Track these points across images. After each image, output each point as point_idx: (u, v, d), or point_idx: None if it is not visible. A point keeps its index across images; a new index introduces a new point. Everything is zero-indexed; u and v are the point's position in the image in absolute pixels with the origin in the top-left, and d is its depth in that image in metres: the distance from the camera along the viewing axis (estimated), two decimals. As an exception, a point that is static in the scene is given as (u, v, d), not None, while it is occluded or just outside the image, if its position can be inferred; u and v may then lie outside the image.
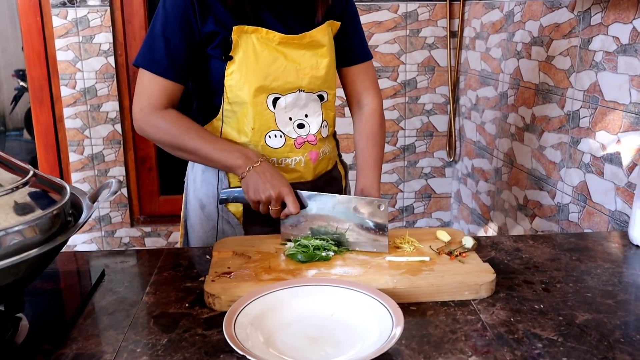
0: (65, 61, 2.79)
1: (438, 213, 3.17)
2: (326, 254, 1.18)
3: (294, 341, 0.92)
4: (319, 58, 1.39)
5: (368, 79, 1.55)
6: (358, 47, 1.53)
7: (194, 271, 1.21)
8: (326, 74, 1.42)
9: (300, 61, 1.37)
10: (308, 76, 1.38)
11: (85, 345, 0.94)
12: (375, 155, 1.50)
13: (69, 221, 0.96)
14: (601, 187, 1.75)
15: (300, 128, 1.41)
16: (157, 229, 3.05)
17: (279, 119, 1.38)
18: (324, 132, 1.46)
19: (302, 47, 1.37)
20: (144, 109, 1.33)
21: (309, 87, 1.39)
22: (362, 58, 1.53)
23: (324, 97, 1.44)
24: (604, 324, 0.98)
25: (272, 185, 1.26)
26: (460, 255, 1.18)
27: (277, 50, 1.34)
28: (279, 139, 1.39)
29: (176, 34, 1.30)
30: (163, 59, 1.31)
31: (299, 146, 1.41)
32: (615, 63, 1.66)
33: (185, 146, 1.33)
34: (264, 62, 1.33)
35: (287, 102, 1.37)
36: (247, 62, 1.32)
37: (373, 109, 1.54)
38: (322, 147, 1.46)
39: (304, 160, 1.43)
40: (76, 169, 2.93)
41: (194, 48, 1.33)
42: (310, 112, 1.42)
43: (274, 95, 1.36)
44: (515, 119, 2.31)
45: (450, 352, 0.90)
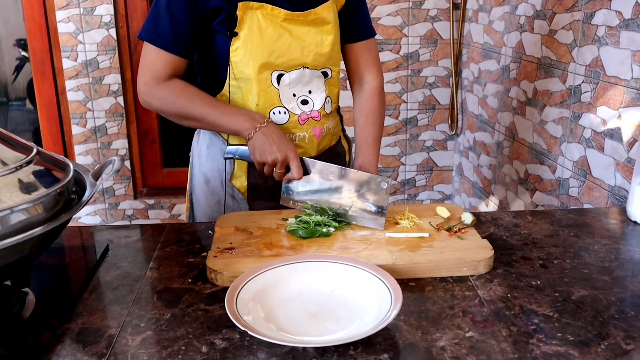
0: (67, 33, 2.78)
1: (440, 186, 3.18)
2: (327, 230, 1.20)
3: (294, 316, 0.94)
4: (323, 35, 1.39)
5: (370, 56, 1.55)
6: (362, 24, 1.53)
7: (197, 246, 1.23)
8: (331, 51, 1.42)
9: (305, 38, 1.37)
10: (312, 53, 1.38)
11: (90, 319, 0.96)
12: (375, 134, 1.51)
13: (73, 199, 0.97)
14: (601, 162, 1.76)
15: (304, 104, 1.41)
16: (160, 201, 3.07)
17: (283, 96, 1.39)
18: (327, 108, 1.46)
19: (307, 23, 1.37)
20: (149, 82, 1.35)
21: (313, 63, 1.39)
22: (366, 35, 1.53)
23: (327, 73, 1.44)
24: (600, 300, 1.00)
25: (279, 148, 1.28)
26: (459, 232, 1.20)
27: (282, 27, 1.34)
28: (283, 115, 1.40)
29: (181, 8, 1.30)
30: (168, 33, 1.31)
31: (302, 122, 1.42)
32: (617, 38, 1.65)
33: (191, 114, 1.34)
34: (268, 38, 1.33)
35: (291, 78, 1.38)
36: (252, 38, 1.32)
37: (374, 87, 1.54)
38: (325, 123, 1.47)
39: (307, 136, 1.44)
40: (79, 142, 2.94)
41: (198, 23, 1.33)
42: (313, 89, 1.42)
43: (278, 71, 1.36)
44: (517, 93, 2.30)
45: (448, 328, 0.92)
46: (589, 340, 0.89)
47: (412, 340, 0.89)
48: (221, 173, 1.47)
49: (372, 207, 1.24)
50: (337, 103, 1.54)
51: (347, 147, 1.63)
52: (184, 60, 1.36)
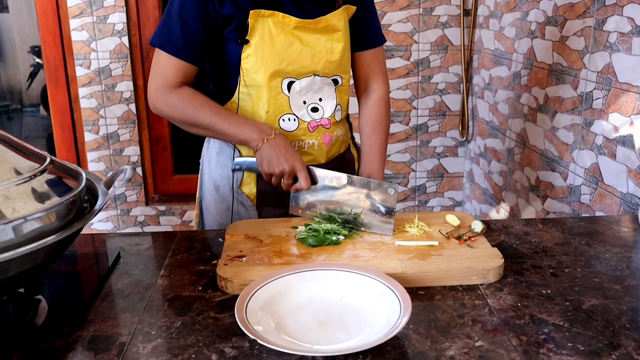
0: (80, 41, 2.81)
1: (450, 193, 3.18)
2: (336, 238, 1.20)
3: (303, 325, 0.94)
4: (334, 42, 1.40)
5: (378, 65, 1.56)
6: (371, 32, 1.53)
7: (207, 254, 1.23)
8: (341, 59, 1.42)
9: (316, 45, 1.38)
10: (323, 60, 1.39)
11: (101, 327, 0.97)
12: (381, 142, 1.52)
13: (85, 207, 0.98)
14: (613, 169, 1.75)
15: (314, 112, 1.42)
16: (171, 207, 3.09)
17: (293, 103, 1.40)
18: (337, 115, 1.47)
19: (318, 31, 1.38)
20: (159, 88, 1.36)
21: (323, 71, 1.40)
22: (374, 43, 1.54)
23: (338, 81, 1.45)
24: (611, 310, 0.99)
25: (286, 159, 1.29)
26: (469, 240, 1.20)
27: (292, 35, 1.35)
28: (293, 123, 1.41)
29: (193, 16, 1.31)
30: (179, 41, 1.32)
31: (312, 129, 1.43)
32: (629, 44, 1.65)
33: (200, 122, 1.35)
34: (279, 46, 1.34)
35: (301, 86, 1.39)
36: (263, 46, 1.33)
37: (380, 95, 1.55)
38: (335, 131, 1.48)
39: (317, 143, 1.44)
40: (92, 149, 2.97)
41: (210, 30, 1.34)
42: (324, 96, 1.43)
43: (289, 79, 1.37)
44: (528, 99, 2.30)
45: (457, 337, 0.92)
46: (600, 350, 0.88)
47: (422, 350, 0.89)
48: (230, 180, 1.48)
49: (381, 213, 1.25)
50: (347, 111, 1.55)
51: (356, 155, 1.63)
52: (195, 68, 1.37)
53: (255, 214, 1.48)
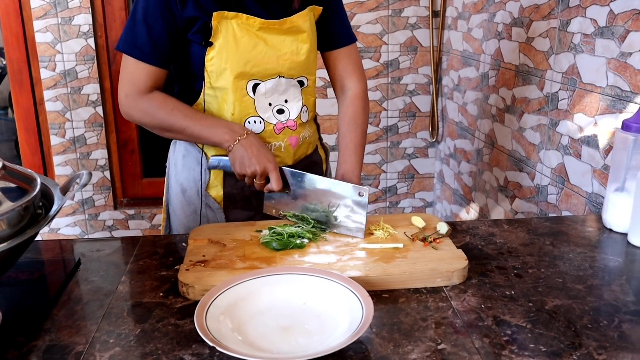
0: (45, 43, 2.75)
1: (421, 193, 3.18)
2: (300, 242, 1.19)
3: (265, 331, 0.93)
4: (299, 44, 1.39)
5: (351, 62, 1.54)
6: (340, 31, 1.52)
7: (170, 259, 1.21)
8: (306, 60, 1.41)
9: (281, 47, 1.36)
10: (288, 62, 1.38)
11: (58, 336, 0.94)
12: (356, 140, 1.50)
13: (39, 213, 0.95)
14: (579, 169, 1.77)
15: (279, 113, 1.41)
16: (140, 211, 3.05)
17: (259, 105, 1.38)
18: (303, 117, 1.46)
19: (283, 32, 1.36)
20: (129, 94, 1.34)
21: (289, 72, 1.39)
22: (345, 41, 1.52)
23: (304, 82, 1.44)
24: (573, 310, 1.00)
25: (258, 159, 1.29)
26: (434, 242, 1.19)
27: (257, 36, 1.33)
28: (259, 125, 1.39)
29: (157, 20, 1.30)
30: (146, 45, 1.31)
31: (278, 131, 1.41)
32: (592, 45, 1.66)
33: (172, 127, 1.35)
34: (244, 48, 1.32)
35: (267, 88, 1.37)
36: (227, 48, 1.32)
37: (355, 93, 1.53)
38: (302, 132, 1.46)
39: (283, 145, 1.43)
40: (58, 152, 2.91)
41: (175, 33, 1.33)
42: (290, 98, 1.42)
43: (254, 81, 1.36)
44: (496, 100, 2.31)
45: (420, 340, 0.91)
46: (561, 350, 0.88)
47: (384, 354, 0.88)
48: (197, 182, 1.45)
49: (352, 215, 1.24)
50: (314, 112, 1.54)
51: (323, 156, 1.62)
52: (163, 71, 1.36)
53: (223, 217, 1.46)
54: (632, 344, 0.90)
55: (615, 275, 1.13)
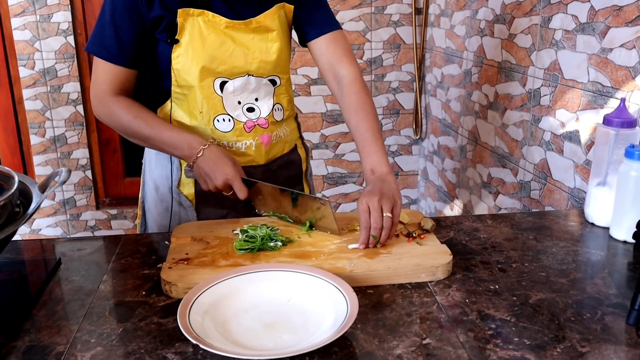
0: (23, 41, 2.72)
1: (405, 191, 3.19)
2: (274, 244, 1.17)
3: (249, 328, 0.92)
4: (269, 42, 1.36)
5: (339, 47, 1.44)
6: (321, 19, 1.45)
7: (152, 258, 1.20)
8: (277, 59, 1.39)
9: (249, 45, 1.34)
10: (257, 61, 1.35)
11: (38, 337, 0.93)
12: (372, 128, 1.36)
13: (17, 212, 0.93)
14: (561, 165, 1.78)
15: (250, 112, 1.39)
16: (123, 211, 3.02)
17: (227, 103, 1.36)
18: (277, 115, 1.44)
19: (251, 31, 1.34)
20: (97, 95, 1.34)
21: (258, 72, 1.37)
22: (327, 28, 1.45)
23: (276, 81, 1.41)
24: (557, 303, 1.00)
25: (215, 176, 1.26)
26: (418, 237, 1.19)
27: (224, 34, 1.31)
28: (228, 123, 1.38)
29: (125, 20, 1.29)
30: (113, 46, 1.30)
31: (248, 130, 1.39)
32: (574, 42, 1.67)
33: (135, 134, 1.34)
34: (210, 45, 1.31)
35: (235, 86, 1.35)
36: (193, 45, 1.30)
37: (351, 79, 1.42)
38: (275, 131, 1.44)
39: (254, 143, 1.41)
40: (38, 152, 2.87)
41: (142, 34, 1.31)
42: (260, 96, 1.40)
43: (221, 79, 1.34)
44: (479, 97, 2.32)
45: (405, 335, 0.91)
46: (545, 343, 0.88)
47: (369, 349, 0.87)
48: (169, 180, 1.44)
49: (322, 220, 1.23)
50: (292, 110, 1.52)
51: (304, 156, 1.60)
52: (132, 72, 1.35)
53: (194, 215, 1.44)
54: (615, 336, 0.90)
55: (598, 269, 1.14)
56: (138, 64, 1.35)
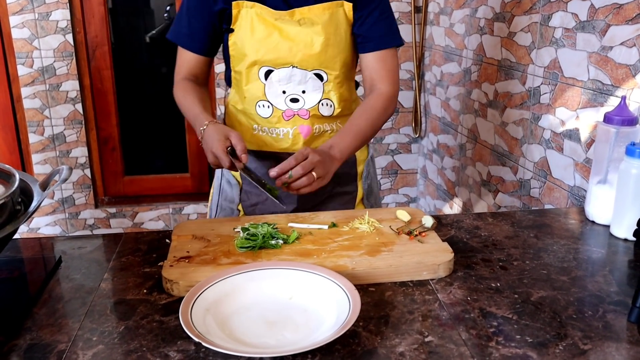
0: (21, 39, 2.71)
1: (405, 189, 3.19)
2: (276, 242, 1.16)
3: (251, 326, 0.92)
4: (314, 36, 1.39)
5: (385, 67, 1.46)
6: (379, 34, 1.44)
7: (153, 256, 1.20)
8: (322, 53, 1.40)
9: (294, 38, 1.39)
10: (301, 53, 1.40)
11: (39, 335, 0.93)
12: (362, 126, 1.40)
13: (18, 209, 0.93)
14: (561, 163, 1.78)
15: (293, 102, 1.45)
16: (122, 209, 3.01)
17: (269, 91, 1.44)
18: (323, 110, 1.46)
19: (297, 24, 1.39)
20: (175, 77, 1.52)
21: (302, 64, 1.41)
22: (382, 45, 1.45)
23: (322, 76, 1.43)
24: (558, 301, 1.00)
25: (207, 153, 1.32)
26: (419, 235, 1.19)
27: (273, 26, 1.39)
28: (267, 109, 1.46)
29: (197, 12, 1.45)
30: (186, 34, 1.48)
31: (287, 118, 1.46)
32: (574, 40, 1.67)
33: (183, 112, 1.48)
34: (258, 36, 1.39)
35: (280, 76, 1.42)
36: (244, 34, 1.41)
37: (381, 92, 1.46)
38: (317, 124, 1.47)
39: (292, 132, 1.47)
40: (36, 150, 2.87)
41: (212, 25, 1.45)
42: (309, 89, 1.44)
43: (267, 67, 1.42)
44: (479, 95, 2.32)
45: (407, 333, 0.91)
46: (547, 341, 0.88)
47: (371, 347, 0.87)
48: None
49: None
50: (351, 110, 1.50)
51: (361, 157, 1.59)
52: (201, 58, 1.50)
53: (238, 194, 1.55)
54: (617, 334, 0.90)
55: (599, 267, 1.14)
56: (208, 51, 1.50)
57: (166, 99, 3.07)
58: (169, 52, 3.07)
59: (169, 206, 3.02)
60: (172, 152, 3.06)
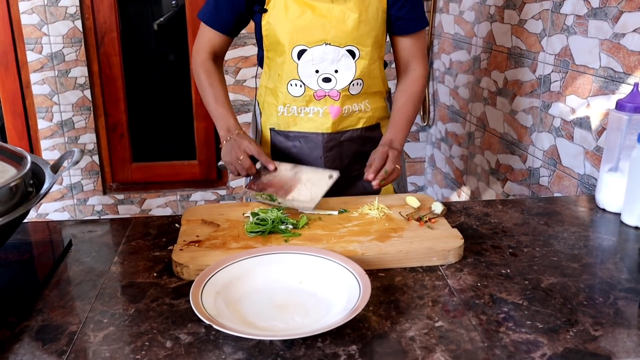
0: (31, 25, 2.71)
1: (412, 177, 3.18)
2: (285, 227, 1.17)
3: (261, 309, 0.92)
4: (346, 11, 1.42)
5: (419, 49, 1.56)
6: (409, 16, 1.50)
7: (163, 240, 1.20)
8: (354, 29, 1.43)
9: (327, 14, 1.41)
10: (334, 29, 1.42)
11: (50, 316, 0.93)
12: (410, 116, 1.54)
13: (30, 192, 0.94)
14: (571, 151, 1.77)
15: (325, 82, 1.47)
16: (130, 196, 3.02)
17: (302, 70, 1.46)
18: (353, 89, 1.49)
19: (330, 1, 1.41)
20: (194, 52, 1.56)
21: (335, 40, 1.42)
22: (417, 27, 1.53)
23: (354, 52, 1.45)
24: (569, 288, 1.00)
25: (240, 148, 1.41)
26: (429, 221, 1.19)
27: (305, 4, 1.41)
28: (299, 89, 1.48)
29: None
30: (212, 12, 1.51)
31: (318, 98, 1.48)
32: (585, 27, 1.66)
33: (203, 97, 1.54)
34: (291, 14, 1.41)
35: (313, 55, 1.43)
36: (278, 13, 1.42)
37: (419, 74, 1.56)
38: (347, 104, 1.50)
39: (322, 111, 1.50)
40: (45, 136, 2.87)
41: (238, 5, 1.47)
42: (341, 68, 1.46)
43: (300, 47, 1.43)
44: (488, 83, 2.31)
45: (417, 318, 0.91)
46: (558, 327, 0.88)
47: (381, 331, 0.87)
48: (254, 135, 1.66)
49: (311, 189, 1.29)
50: (379, 88, 1.55)
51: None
52: (225, 38, 1.53)
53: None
54: (628, 320, 0.90)
55: (610, 254, 1.13)
56: (231, 31, 1.53)
57: (174, 86, 3.09)
58: (177, 40, 3.07)
59: (176, 193, 3.03)
60: (180, 139, 3.06)
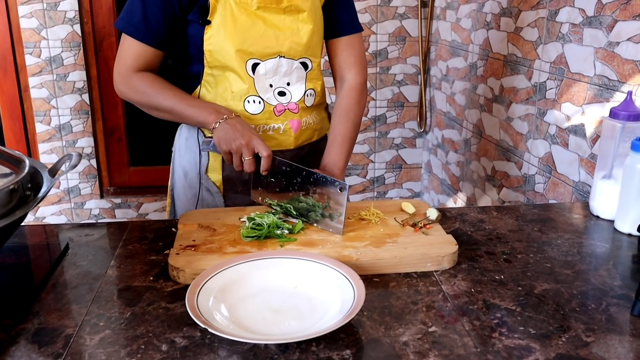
0: (29, 29, 2.72)
1: (409, 184, 3.20)
2: (281, 232, 1.17)
3: (256, 314, 0.93)
4: (300, 23, 1.37)
5: (352, 53, 1.50)
6: (344, 18, 1.49)
7: (160, 244, 1.20)
8: (309, 41, 1.39)
9: (281, 26, 1.36)
10: (288, 41, 1.37)
11: (47, 319, 0.94)
12: (345, 132, 1.46)
13: (28, 195, 0.94)
14: (566, 158, 1.78)
15: (281, 95, 1.40)
16: (127, 200, 3.03)
17: (258, 85, 1.38)
18: (308, 101, 1.45)
19: (282, 12, 1.36)
20: (122, 71, 1.37)
21: (289, 53, 1.38)
22: (348, 30, 1.49)
23: (307, 65, 1.42)
24: (562, 294, 1.01)
25: (242, 134, 1.27)
26: (424, 227, 1.20)
27: (256, 15, 1.33)
28: (258, 105, 1.39)
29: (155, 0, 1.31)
30: (140, 24, 1.33)
31: (278, 113, 1.41)
32: (580, 35, 1.67)
33: (161, 105, 1.36)
34: (241, 26, 1.32)
35: (267, 68, 1.37)
36: (225, 26, 1.32)
37: (351, 85, 1.50)
38: (305, 117, 1.45)
39: (283, 127, 1.42)
40: (43, 140, 2.88)
41: (172, 15, 1.33)
42: (292, 81, 1.41)
43: (253, 60, 1.36)
44: (484, 90, 2.32)
45: (411, 323, 0.92)
46: (550, 333, 0.89)
47: (375, 336, 0.88)
48: (197, 166, 1.46)
49: (332, 211, 1.21)
50: (323, 98, 1.52)
51: None
52: (157, 52, 1.37)
53: (222, 201, 1.46)
54: (619, 327, 0.91)
55: (603, 261, 1.14)
56: (164, 45, 1.37)
57: (172, 90, 3.09)
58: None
59: (173, 197, 3.04)
60: (178, 143, 3.07)
